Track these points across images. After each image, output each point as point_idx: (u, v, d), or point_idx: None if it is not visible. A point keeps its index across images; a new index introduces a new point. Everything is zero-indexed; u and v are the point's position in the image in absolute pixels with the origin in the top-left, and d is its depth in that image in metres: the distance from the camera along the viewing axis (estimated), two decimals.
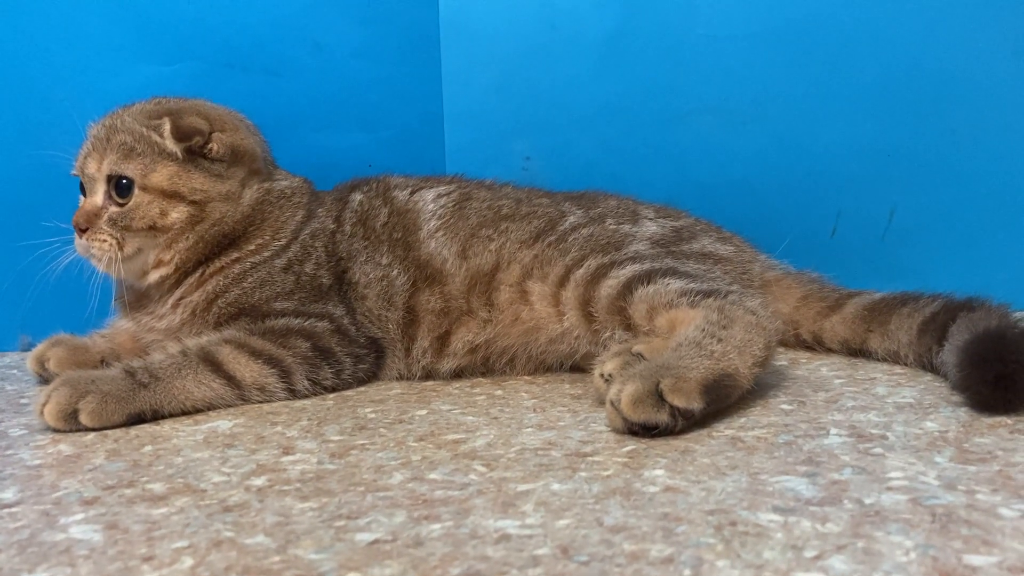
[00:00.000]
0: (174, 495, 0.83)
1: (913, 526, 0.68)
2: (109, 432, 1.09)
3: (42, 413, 1.09)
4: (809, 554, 0.64)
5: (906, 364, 1.29)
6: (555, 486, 0.81)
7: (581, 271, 1.27)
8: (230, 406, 1.19)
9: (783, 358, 1.36)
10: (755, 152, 1.71)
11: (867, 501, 0.74)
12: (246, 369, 1.20)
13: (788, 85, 1.69)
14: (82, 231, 1.32)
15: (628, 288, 1.20)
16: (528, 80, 1.74)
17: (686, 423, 0.97)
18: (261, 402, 1.21)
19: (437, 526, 0.72)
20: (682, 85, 1.71)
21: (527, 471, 0.86)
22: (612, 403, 0.97)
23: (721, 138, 1.68)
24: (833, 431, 0.96)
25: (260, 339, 1.24)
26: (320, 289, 1.37)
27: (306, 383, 1.24)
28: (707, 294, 1.15)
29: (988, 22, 1.65)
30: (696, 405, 0.97)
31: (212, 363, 1.19)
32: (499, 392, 1.25)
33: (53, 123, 1.68)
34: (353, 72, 1.71)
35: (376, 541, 0.70)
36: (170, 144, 1.32)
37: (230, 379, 1.18)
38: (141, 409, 1.12)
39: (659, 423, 0.95)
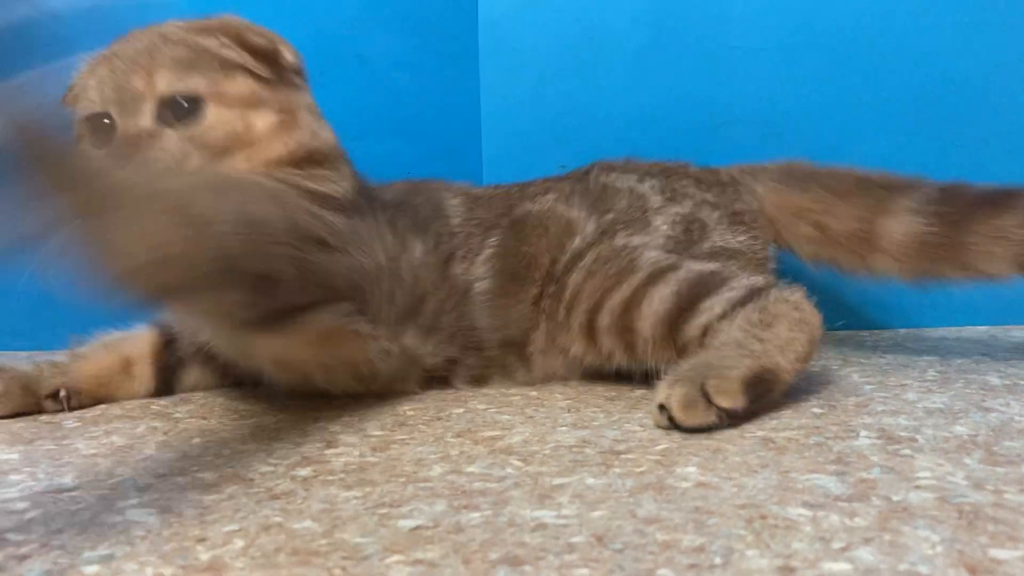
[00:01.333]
0: (224, 483, 0.86)
1: (940, 522, 0.70)
2: (159, 424, 1.13)
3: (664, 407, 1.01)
4: (837, 545, 0.66)
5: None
6: (589, 480, 0.84)
7: (606, 319, 1.23)
8: None
9: (815, 365, 1.37)
10: None
11: (895, 498, 0.76)
12: None
13: (822, 96, 1.71)
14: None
15: (670, 325, 1.17)
16: (564, 91, 1.77)
17: (733, 421, 1.01)
18: None
19: (476, 515, 0.75)
20: (715, 96, 1.74)
21: (562, 466, 0.89)
22: (662, 406, 1.00)
23: (754, 149, 1.69)
24: (863, 433, 0.98)
25: None
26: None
27: None
28: (744, 301, 1.14)
29: None
30: (739, 404, 0.99)
31: None
32: (533, 393, 1.28)
33: None
34: (394, 83, 1.76)
35: (418, 527, 0.73)
36: (252, 65, 1.20)
37: None
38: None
39: (709, 425, 0.99)
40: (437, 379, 1.32)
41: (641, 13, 1.76)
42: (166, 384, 1.34)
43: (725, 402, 0.99)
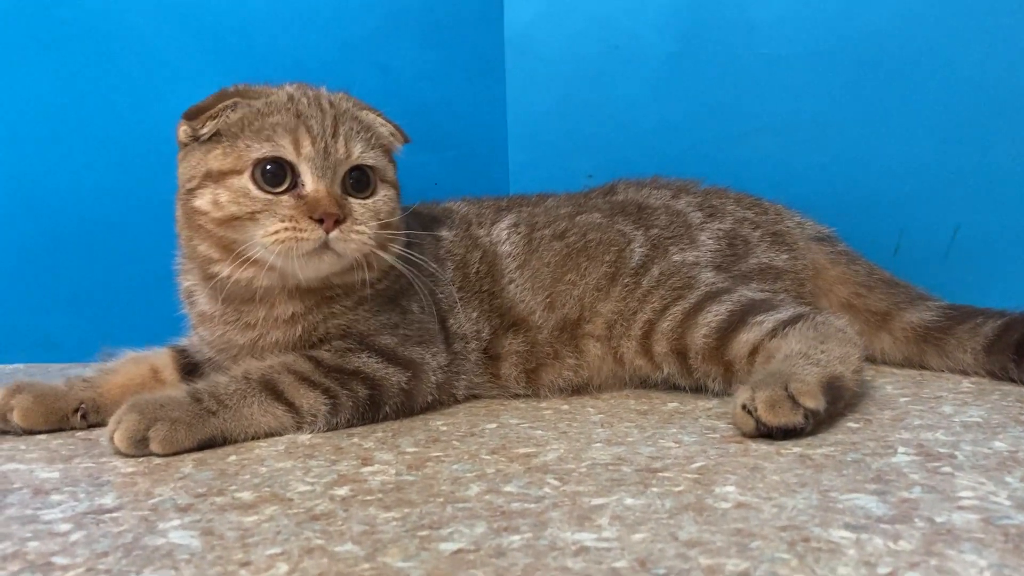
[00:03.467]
0: (263, 503, 0.87)
1: (986, 545, 0.69)
2: None
3: (112, 439, 1.06)
4: (883, 571, 0.65)
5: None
6: (628, 500, 0.84)
7: (666, 324, 1.30)
8: (288, 433, 1.15)
9: None
10: (816, 170, 1.72)
11: (938, 520, 0.75)
12: (304, 398, 1.15)
13: (849, 103, 1.70)
14: (338, 222, 1.17)
15: (721, 337, 1.25)
16: (590, 100, 1.77)
17: (814, 424, 1.04)
18: (308, 431, 1.16)
19: (517, 537, 0.75)
20: (742, 104, 1.73)
21: (599, 485, 0.89)
22: (745, 408, 1.04)
23: (782, 157, 1.70)
24: (901, 450, 0.97)
25: (324, 376, 1.18)
26: (425, 332, 1.30)
27: (342, 422, 1.19)
28: (794, 320, 1.21)
29: None
30: (822, 405, 1.04)
31: (274, 391, 1.15)
32: (565, 407, 1.28)
33: (131, 143, 1.76)
34: (420, 94, 1.77)
35: (459, 551, 0.73)
36: (397, 144, 1.34)
37: (290, 406, 1.15)
38: (211, 435, 1.09)
39: (796, 425, 1.02)
40: None
41: (667, 22, 1.75)
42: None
43: (810, 402, 1.02)
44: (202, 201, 1.19)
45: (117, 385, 1.31)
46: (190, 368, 1.37)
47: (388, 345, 1.25)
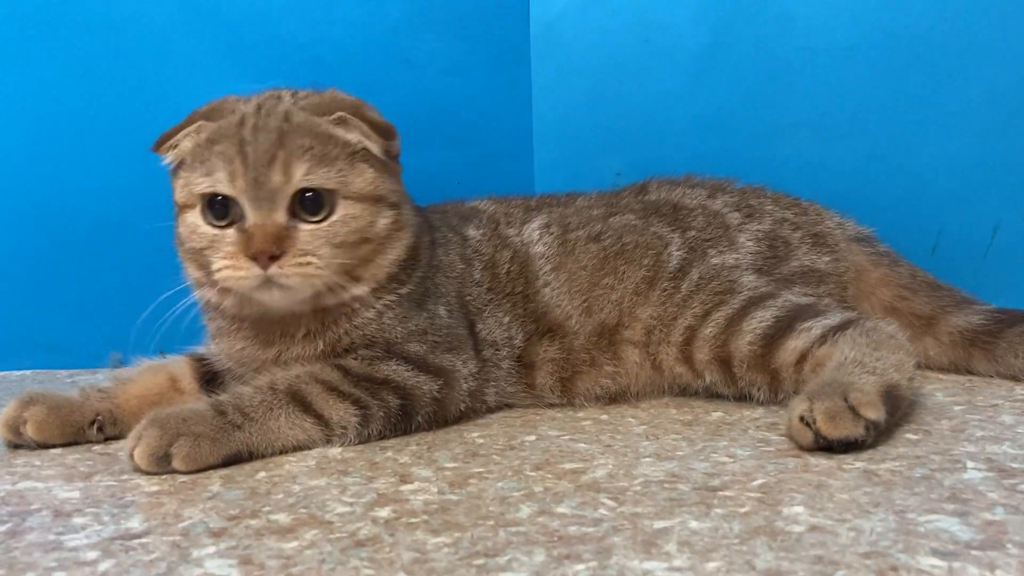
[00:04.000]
0: (301, 527, 0.81)
1: None
2: None
3: (132, 456, 1.01)
4: None
5: None
6: (692, 524, 0.78)
7: (709, 330, 1.25)
8: (317, 447, 1.10)
9: None
10: (853, 167, 1.66)
11: None
12: (333, 409, 1.10)
13: (887, 98, 1.64)
14: (272, 258, 1.10)
15: (767, 345, 1.20)
16: (620, 95, 1.71)
17: (876, 436, 0.99)
18: (338, 444, 1.11)
19: (581, 567, 0.70)
20: (778, 99, 1.67)
21: (658, 506, 0.83)
22: (803, 419, 0.99)
23: (818, 153, 1.64)
24: (970, 464, 0.92)
25: (353, 386, 1.13)
26: (455, 338, 1.25)
27: (374, 434, 1.13)
28: (843, 327, 1.16)
29: None
30: (882, 416, 0.99)
31: (301, 402, 1.10)
32: (604, 417, 1.23)
33: (140, 145, 1.70)
34: (443, 88, 1.70)
35: None
36: (372, 146, 1.18)
37: (319, 418, 1.10)
38: (237, 450, 1.04)
39: (857, 437, 0.97)
40: None
41: (701, 14, 1.69)
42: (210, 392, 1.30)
43: (872, 413, 0.98)
44: (179, 230, 1.19)
45: (134, 395, 1.25)
46: (210, 377, 1.31)
47: (417, 352, 1.19)
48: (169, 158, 1.20)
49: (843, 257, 1.41)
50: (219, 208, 1.13)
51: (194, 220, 1.15)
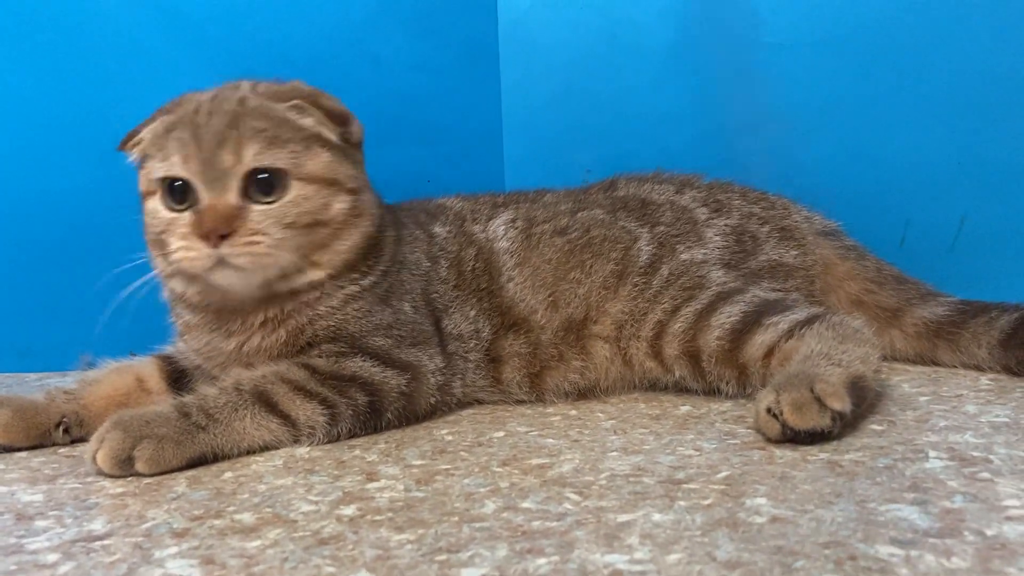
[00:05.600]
0: (265, 526, 0.81)
1: None
2: None
3: (95, 459, 1.00)
4: None
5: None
6: (656, 516, 0.79)
7: (678, 325, 1.26)
8: (284, 447, 1.09)
9: None
10: (821, 161, 1.67)
11: (989, 533, 0.71)
12: (300, 409, 1.10)
13: (854, 92, 1.65)
14: (222, 237, 1.10)
15: (735, 340, 1.21)
16: (588, 91, 1.72)
17: (840, 427, 1.00)
18: (306, 444, 1.10)
19: (543, 560, 0.70)
20: (746, 94, 1.68)
21: (622, 500, 0.84)
22: (770, 411, 1.00)
23: (786, 147, 1.65)
24: (932, 454, 0.93)
25: (320, 385, 1.12)
26: (420, 334, 1.24)
27: (343, 432, 1.13)
28: (810, 321, 1.18)
29: None
30: (848, 407, 0.99)
31: (267, 402, 1.09)
32: (574, 412, 1.23)
33: (108, 145, 1.69)
34: (412, 86, 1.70)
35: None
36: (326, 131, 1.19)
37: (286, 419, 1.09)
38: (201, 453, 1.03)
39: (823, 428, 0.98)
40: None
41: (668, 9, 1.70)
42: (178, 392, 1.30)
43: (837, 404, 0.98)
44: (144, 220, 1.20)
45: (101, 396, 1.24)
46: (177, 376, 1.30)
47: (383, 347, 1.19)
48: (134, 155, 1.22)
49: (810, 251, 1.42)
50: (178, 193, 1.14)
51: (154, 206, 1.17)
